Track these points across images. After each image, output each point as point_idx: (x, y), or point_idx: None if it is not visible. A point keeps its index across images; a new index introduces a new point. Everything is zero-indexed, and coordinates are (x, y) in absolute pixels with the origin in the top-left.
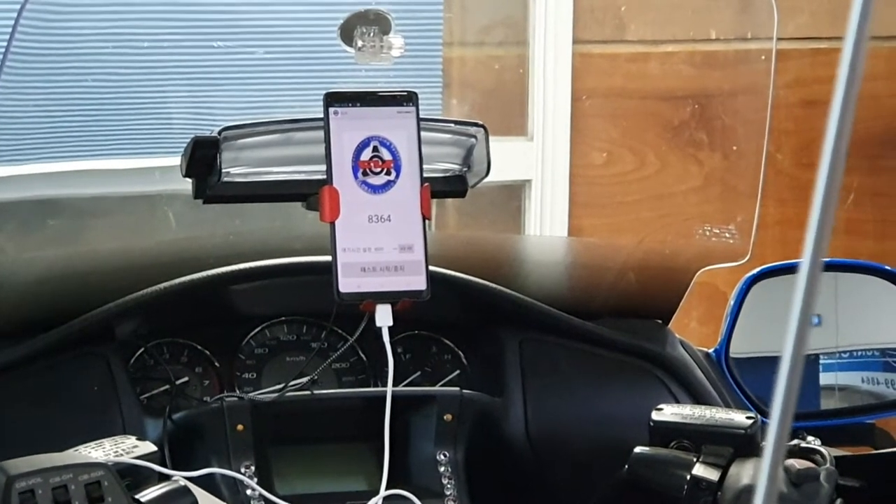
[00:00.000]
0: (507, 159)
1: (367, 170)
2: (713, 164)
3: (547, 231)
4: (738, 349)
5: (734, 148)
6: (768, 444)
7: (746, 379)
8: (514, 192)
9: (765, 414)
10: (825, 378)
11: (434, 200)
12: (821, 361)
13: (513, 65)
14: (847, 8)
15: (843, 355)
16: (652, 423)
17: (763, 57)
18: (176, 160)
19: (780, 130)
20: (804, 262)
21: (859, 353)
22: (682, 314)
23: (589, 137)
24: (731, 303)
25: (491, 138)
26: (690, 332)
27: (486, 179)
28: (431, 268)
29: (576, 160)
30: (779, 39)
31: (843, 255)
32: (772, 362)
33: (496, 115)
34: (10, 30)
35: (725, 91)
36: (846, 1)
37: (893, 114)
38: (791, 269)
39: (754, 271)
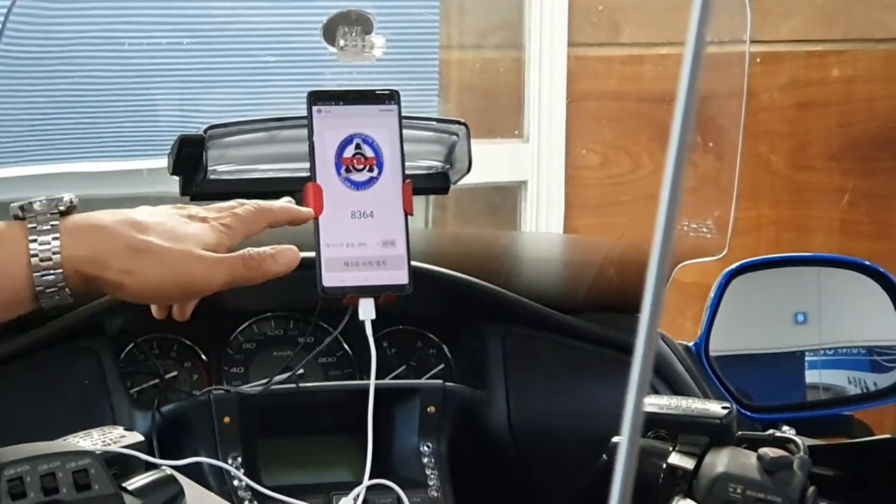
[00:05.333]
0: (502, 161)
1: (350, 167)
2: (707, 165)
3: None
4: (718, 343)
5: (719, 148)
6: (625, 423)
7: (725, 371)
8: (510, 193)
9: (743, 405)
10: (811, 376)
11: (430, 199)
12: (806, 359)
13: (509, 67)
14: (840, 11)
15: (828, 352)
16: None
17: (759, 59)
18: (163, 162)
19: (774, 133)
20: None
21: (844, 350)
22: (677, 314)
23: (584, 139)
24: (711, 296)
25: (487, 140)
26: (685, 331)
27: (483, 180)
28: (415, 263)
29: (571, 161)
30: (772, 42)
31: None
32: (750, 355)
33: (492, 117)
34: None
35: (719, 93)
36: (839, 4)
37: (888, 116)
38: (770, 264)
39: (733, 266)
